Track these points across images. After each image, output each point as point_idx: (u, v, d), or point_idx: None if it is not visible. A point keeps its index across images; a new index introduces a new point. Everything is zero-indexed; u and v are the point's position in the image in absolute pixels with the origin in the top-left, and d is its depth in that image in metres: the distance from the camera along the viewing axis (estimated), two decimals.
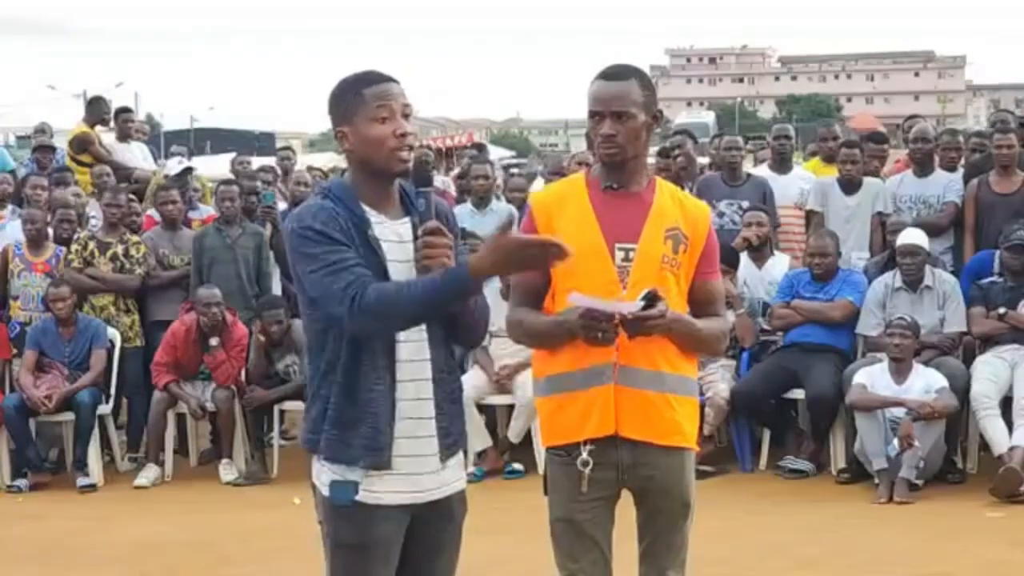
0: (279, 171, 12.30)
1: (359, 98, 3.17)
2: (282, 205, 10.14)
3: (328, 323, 3.14)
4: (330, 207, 3.16)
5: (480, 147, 16.88)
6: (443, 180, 11.19)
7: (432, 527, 3.28)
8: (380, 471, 3.15)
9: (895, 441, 7.27)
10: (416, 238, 3.17)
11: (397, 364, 3.17)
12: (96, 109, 12.19)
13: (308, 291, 3.14)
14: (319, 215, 3.13)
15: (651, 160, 10.85)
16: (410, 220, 3.23)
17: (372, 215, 3.20)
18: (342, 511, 3.18)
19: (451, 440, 3.28)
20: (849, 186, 8.93)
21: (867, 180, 9.02)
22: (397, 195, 3.25)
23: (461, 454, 3.36)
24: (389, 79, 3.22)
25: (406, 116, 3.20)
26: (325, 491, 3.20)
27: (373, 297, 3.03)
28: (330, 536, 3.24)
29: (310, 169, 12.59)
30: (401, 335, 3.17)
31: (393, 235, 3.20)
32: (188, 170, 10.73)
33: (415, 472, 3.20)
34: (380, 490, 3.17)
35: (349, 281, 3.05)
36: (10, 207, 10.34)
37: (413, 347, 3.20)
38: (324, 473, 3.20)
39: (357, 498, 3.16)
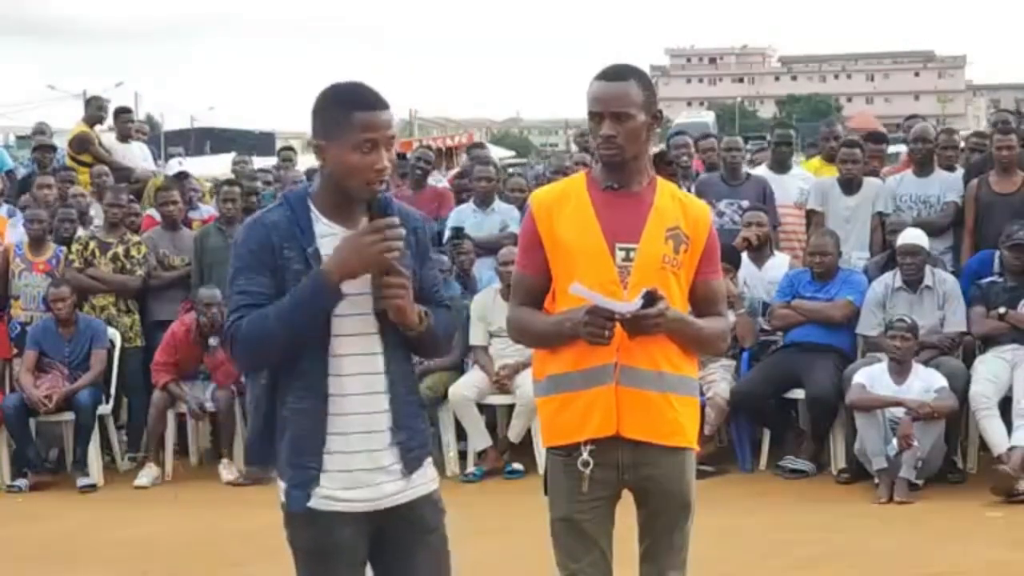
0: (281, 171, 12.31)
1: (347, 121, 3.07)
2: None
3: None
4: (271, 220, 3.14)
5: (479, 146, 16.84)
6: (437, 179, 11.15)
7: (398, 533, 3.25)
8: (307, 489, 3.14)
9: (895, 441, 7.28)
10: None
11: (334, 379, 3.13)
12: (93, 108, 12.21)
13: None
14: (254, 233, 3.14)
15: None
16: None
17: (325, 226, 3.14)
18: (298, 517, 3.18)
19: (414, 455, 3.23)
20: (849, 186, 8.94)
21: (867, 180, 9.02)
22: (362, 205, 3.15)
23: (430, 460, 3.31)
24: (381, 106, 3.11)
25: (388, 147, 3.11)
26: (282, 496, 3.21)
27: (243, 328, 3.05)
28: (289, 541, 3.25)
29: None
30: (349, 348, 3.13)
31: None
32: (183, 174, 10.73)
33: (371, 482, 3.17)
34: (334, 497, 3.15)
35: (236, 310, 3.09)
36: (6, 207, 10.34)
37: (362, 360, 3.15)
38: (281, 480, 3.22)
39: (310, 504, 3.15)
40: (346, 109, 3.08)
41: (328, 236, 3.13)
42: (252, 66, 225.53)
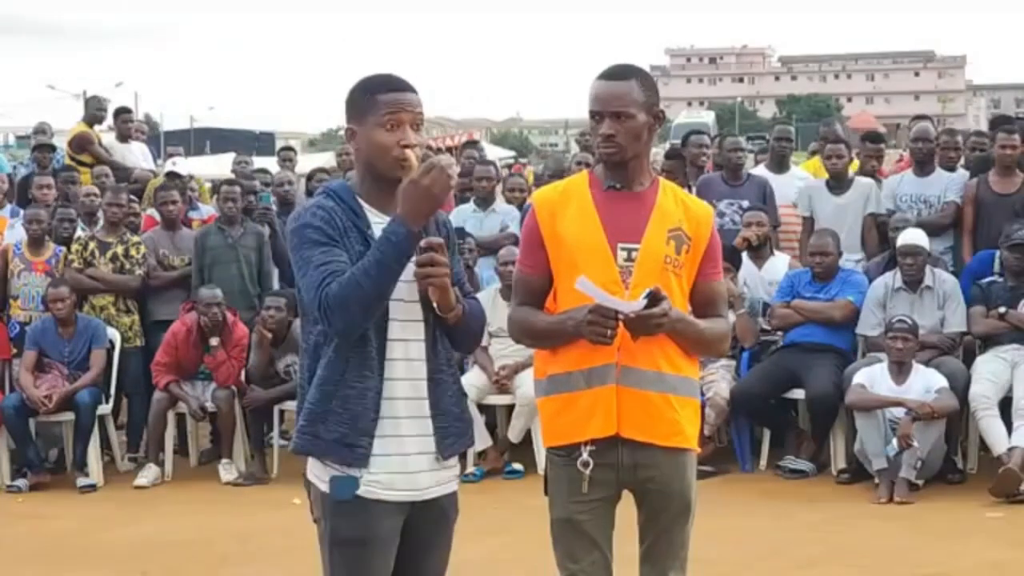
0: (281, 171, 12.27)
1: (372, 101, 3.21)
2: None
3: (321, 326, 3.18)
4: (330, 205, 3.21)
5: (473, 143, 16.81)
6: None
7: (425, 527, 3.30)
8: (353, 468, 3.17)
9: (894, 441, 7.27)
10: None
11: (388, 362, 3.21)
12: (92, 108, 12.20)
13: (302, 293, 3.21)
14: (318, 213, 3.19)
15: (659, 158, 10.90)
16: None
17: (373, 215, 3.24)
18: (342, 506, 3.19)
19: (451, 441, 3.30)
20: (838, 186, 8.95)
21: (858, 180, 9.03)
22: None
23: (457, 456, 3.37)
24: (405, 88, 3.25)
25: (416, 127, 3.23)
26: (324, 487, 3.21)
27: (335, 289, 3.09)
28: (329, 533, 3.24)
29: (319, 171, 12.32)
30: (399, 334, 3.21)
31: None
32: (176, 175, 10.71)
33: (411, 470, 3.23)
34: (380, 483, 3.19)
35: (323, 280, 3.11)
36: (9, 207, 10.34)
37: (409, 346, 3.24)
38: (325, 469, 3.22)
39: (359, 493, 3.18)
40: (372, 92, 3.23)
41: (377, 224, 3.21)
42: (252, 66, 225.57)
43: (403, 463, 3.22)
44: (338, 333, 3.14)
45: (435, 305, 3.22)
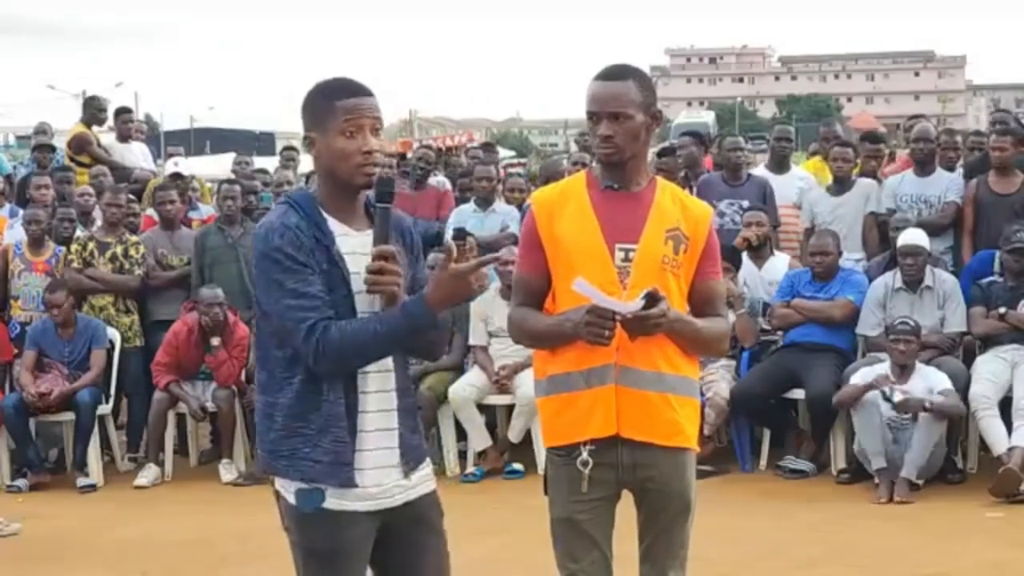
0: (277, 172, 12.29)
1: (330, 109, 3.15)
2: None
3: (295, 355, 3.13)
4: (293, 223, 3.13)
5: (489, 146, 16.85)
6: (440, 180, 11.13)
7: (407, 529, 3.28)
8: (345, 488, 3.14)
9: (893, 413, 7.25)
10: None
11: (360, 376, 3.17)
12: (91, 109, 12.20)
13: (273, 319, 3.14)
14: (285, 235, 3.11)
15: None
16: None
17: (336, 227, 3.18)
18: (310, 518, 3.17)
19: (416, 454, 3.28)
20: (838, 187, 8.96)
21: (859, 181, 9.03)
22: (363, 207, 3.25)
23: (428, 462, 3.35)
24: (363, 92, 3.19)
25: (375, 131, 3.18)
26: (291, 499, 3.20)
27: (335, 339, 3.06)
28: (299, 543, 3.24)
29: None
30: None
31: (359, 247, 3.18)
32: (179, 175, 10.72)
33: (379, 479, 3.20)
34: (346, 497, 3.16)
35: (313, 319, 3.06)
36: (8, 207, 10.34)
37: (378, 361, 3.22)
38: (291, 481, 3.19)
39: (324, 505, 3.15)
40: (330, 99, 3.17)
41: (340, 236, 3.17)
42: (252, 66, 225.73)
43: (380, 474, 3.19)
44: (320, 374, 3.11)
45: None
